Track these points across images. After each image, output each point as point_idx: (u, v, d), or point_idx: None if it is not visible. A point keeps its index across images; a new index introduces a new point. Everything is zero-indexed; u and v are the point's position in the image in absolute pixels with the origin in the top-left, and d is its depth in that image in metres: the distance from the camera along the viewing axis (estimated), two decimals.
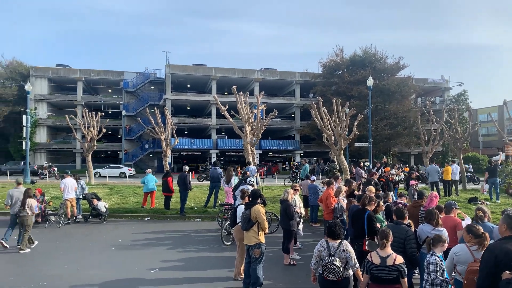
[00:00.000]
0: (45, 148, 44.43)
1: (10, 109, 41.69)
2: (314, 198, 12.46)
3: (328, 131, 18.22)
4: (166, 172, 16.42)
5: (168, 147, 24.26)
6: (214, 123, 44.10)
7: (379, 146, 38.47)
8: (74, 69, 46.35)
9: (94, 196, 13.82)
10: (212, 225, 12.79)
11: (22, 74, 44.90)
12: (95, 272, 7.80)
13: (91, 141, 25.65)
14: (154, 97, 45.97)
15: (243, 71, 45.47)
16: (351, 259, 4.92)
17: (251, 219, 6.81)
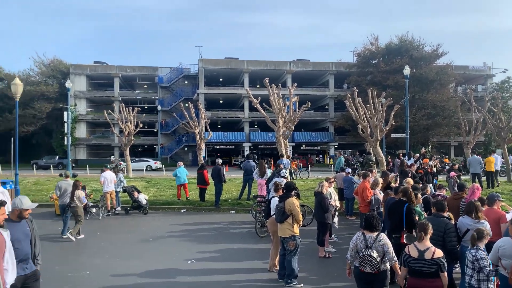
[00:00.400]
0: (85, 143, 46.23)
1: (52, 106, 43.60)
2: (350, 190, 12.29)
3: (363, 122, 17.86)
4: (201, 165, 16.70)
5: (202, 141, 24.61)
6: (247, 116, 44.28)
7: (417, 137, 37.36)
8: (111, 66, 47.78)
9: (134, 189, 14.26)
10: (246, 217, 12.91)
11: (62, 72, 46.78)
12: (135, 263, 8.07)
13: (129, 135, 26.43)
14: (188, 92, 46.69)
15: (275, 63, 45.28)
16: (389, 252, 4.83)
17: (285, 211, 6.82)
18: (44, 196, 16.61)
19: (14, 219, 4.39)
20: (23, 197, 4.48)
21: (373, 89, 19.03)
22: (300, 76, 44.92)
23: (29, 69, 49.25)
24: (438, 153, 35.23)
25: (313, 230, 9.32)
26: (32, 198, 16.47)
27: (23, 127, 40.47)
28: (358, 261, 4.85)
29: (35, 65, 48.25)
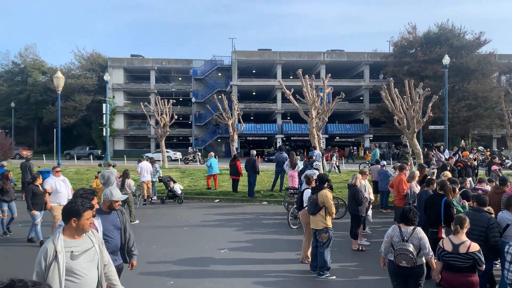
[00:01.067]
0: (123, 134, 47.68)
1: (92, 98, 45.20)
2: (385, 183, 12.07)
3: (400, 114, 17.41)
4: (233, 156, 16.85)
5: (235, 132, 24.80)
6: (279, 108, 44.15)
7: (456, 129, 35.99)
8: (147, 59, 48.83)
9: (169, 179, 14.61)
10: (278, 209, 12.94)
11: (101, 65, 48.32)
12: (170, 250, 8.29)
13: (164, 127, 27.02)
14: (221, 84, 47.05)
15: (309, 53, 44.77)
16: (425, 246, 4.71)
17: (318, 203, 6.79)
18: (85, 185, 17.29)
19: (104, 210, 4.43)
20: (113, 188, 4.53)
21: (410, 80, 18.50)
22: (334, 66, 44.23)
23: (69, 63, 51.29)
24: (479, 145, 33.79)
25: (347, 223, 9.22)
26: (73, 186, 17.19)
27: (64, 118, 42.22)
28: (393, 254, 4.76)
29: (75, 59, 50.21)
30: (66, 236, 3.10)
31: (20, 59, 50.94)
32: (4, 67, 51.60)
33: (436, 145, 30.27)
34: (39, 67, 50.36)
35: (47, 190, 8.75)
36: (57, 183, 8.89)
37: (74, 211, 3.11)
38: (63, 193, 8.88)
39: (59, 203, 8.69)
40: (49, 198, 8.77)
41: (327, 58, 44.40)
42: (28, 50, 51.67)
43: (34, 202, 8.71)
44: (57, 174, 9.12)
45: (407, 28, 42.48)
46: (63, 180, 9.15)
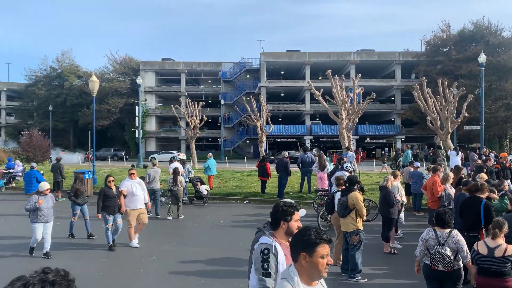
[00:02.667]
0: (154, 136, 48.69)
1: (125, 101, 46.45)
2: (418, 185, 11.75)
3: (433, 114, 16.94)
4: (262, 157, 16.87)
5: (263, 134, 24.88)
6: (308, 109, 43.85)
7: (493, 129, 34.63)
8: (177, 62, 49.70)
9: (198, 180, 14.79)
10: (307, 211, 12.82)
11: (133, 68, 49.58)
12: (201, 250, 8.40)
13: (194, 129, 27.42)
14: (250, 86, 47.26)
15: (338, 54, 44.26)
16: (463, 249, 4.54)
17: (348, 205, 6.70)
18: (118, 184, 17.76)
19: None
20: None
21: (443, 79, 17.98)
22: (364, 66, 43.54)
23: (103, 67, 52.86)
24: None
25: (378, 225, 9.04)
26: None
27: (99, 121, 43.53)
28: (429, 258, 4.63)
29: (109, 63, 51.78)
30: (303, 281, 2.22)
31: (57, 64, 53.00)
32: (42, 72, 53.84)
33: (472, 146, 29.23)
34: (75, 71, 52.22)
35: (122, 192, 8.53)
36: (133, 186, 8.61)
37: (305, 242, 2.22)
38: (139, 196, 8.61)
39: (134, 207, 8.55)
40: (124, 202, 8.53)
41: (357, 58, 43.76)
42: (65, 55, 53.74)
43: (106, 204, 8.37)
44: (132, 177, 8.81)
45: (440, 26, 41.40)
46: (138, 182, 8.87)
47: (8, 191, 18.14)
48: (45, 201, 7.94)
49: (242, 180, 18.95)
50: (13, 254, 8.15)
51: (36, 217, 7.82)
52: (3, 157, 27.89)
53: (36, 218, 7.82)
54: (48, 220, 7.97)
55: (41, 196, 7.96)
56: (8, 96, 58.02)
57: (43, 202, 7.83)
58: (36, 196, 7.95)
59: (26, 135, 29.30)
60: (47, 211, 7.93)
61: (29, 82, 53.82)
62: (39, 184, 8.52)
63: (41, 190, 8.09)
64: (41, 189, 8.10)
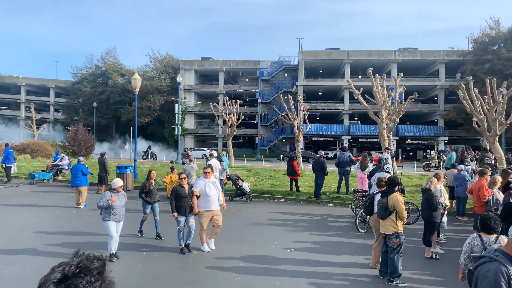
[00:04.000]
0: (193, 133, 49.60)
1: (165, 99, 47.62)
2: (462, 189, 11.29)
3: (479, 115, 16.16)
4: (290, 156, 16.77)
5: (300, 133, 24.70)
6: (347, 108, 43.14)
7: None
8: (216, 61, 50.36)
9: (237, 177, 14.91)
10: (345, 211, 12.65)
11: (173, 67, 50.71)
12: (237, 247, 8.47)
13: (232, 127, 27.68)
14: (287, 84, 47.11)
15: (379, 52, 43.22)
16: None
17: (388, 207, 6.54)
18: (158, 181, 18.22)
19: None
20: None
21: (492, 79, 17.11)
22: (406, 65, 42.28)
23: (145, 65, 54.37)
24: None
25: (419, 229, 8.77)
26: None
27: (140, 118, 44.82)
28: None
29: (150, 62, 53.22)
30: None
31: (101, 62, 55.11)
32: (88, 70, 56.15)
33: None
34: (118, 69, 54.09)
35: (194, 193, 7.95)
36: (206, 186, 7.97)
37: None
38: (212, 197, 7.95)
39: (208, 208, 7.93)
40: (198, 202, 7.98)
41: (398, 57, 42.55)
42: (109, 54, 55.73)
43: (178, 204, 7.94)
44: (207, 176, 8.12)
45: (488, 23, 39.46)
46: (213, 182, 8.16)
47: (56, 183, 19.08)
48: (117, 198, 7.56)
49: (278, 179, 18.94)
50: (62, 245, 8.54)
51: (108, 215, 7.46)
52: (51, 151, 29.37)
53: (108, 216, 7.46)
54: (120, 219, 7.60)
55: (114, 193, 7.58)
56: (56, 93, 61.00)
57: (116, 199, 7.48)
58: (109, 193, 7.57)
59: (72, 130, 30.64)
60: (119, 209, 7.56)
61: (75, 80, 56.31)
62: (116, 182, 7.85)
63: (114, 187, 7.66)
64: (114, 186, 7.67)
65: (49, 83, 60.76)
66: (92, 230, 9.72)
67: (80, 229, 9.94)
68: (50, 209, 12.54)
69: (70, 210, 12.48)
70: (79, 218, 11.40)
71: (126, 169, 16.78)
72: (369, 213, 7.54)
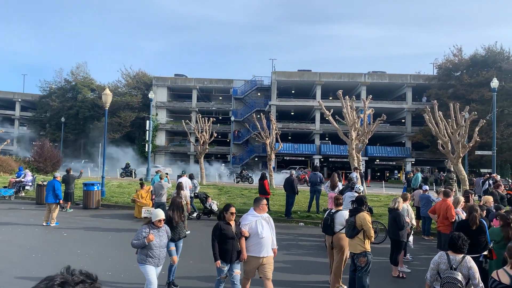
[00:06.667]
0: (164, 150, 48.99)
1: (136, 115, 46.98)
2: (427, 209, 11.61)
3: (444, 138, 16.82)
4: (262, 175, 16.70)
5: (272, 152, 24.88)
6: (318, 128, 43.90)
7: (505, 155, 34.24)
8: (189, 78, 50.34)
9: (205, 195, 14.77)
10: (315, 231, 12.72)
11: (146, 83, 50.29)
12: (206, 265, 8.33)
13: (204, 144, 27.53)
14: (260, 103, 47.58)
15: (349, 75, 44.50)
16: (475, 277, 4.46)
17: (356, 226, 6.63)
18: (126, 199, 17.84)
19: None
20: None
21: (455, 103, 17.92)
22: (375, 88, 43.65)
23: (117, 81, 53.57)
24: None
25: (386, 248, 8.92)
26: (115, 199, 17.82)
27: (109, 134, 43.97)
28: (439, 283, 4.54)
29: (122, 77, 52.51)
30: None
31: (71, 77, 54.00)
32: (57, 84, 54.85)
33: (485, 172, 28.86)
34: (88, 84, 53.12)
35: (243, 233, 5.92)
36: (258, 224, 6.02)
37: None
38: (266, 239, 5.98)
39: (258, 254, 5.92)
40: (246, 245, 5.96)
41: (368, 80, 43.92)
42: (79, 68, 54.77)
43: (222, 248, 5.83)
44: (260, 210, 6.13)
45: (452, 51, 41.53)
46: (266, 219, 6.17)
47: (18, 200, 18.30)
48: (157, 236, 5.87)
49: (249, 198, 18.89)
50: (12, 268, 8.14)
51: (145, 257, 5.80)
52: (14, 166, 28.23)
53: (145, 259, 5.81)
54: (159, 263, 5.96)
55: (153, 228, 5.88)
56: (22, 107, 59.04)
57: (154, 237, 5.81)
58: (147, 228, 5.86)
59: (37, 146, 29.65)
60: (159, 251, 5.90)
61: (43, 94, 54.82)
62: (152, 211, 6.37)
63: (154, 219, 5.95)
64: (154, 218, 5.96)
65: (15, 96, 58.75)
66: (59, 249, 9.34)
67: (46, 248, 9.53)
68: (11, 227, 11.98)
69: (35, 228, 11.96)
70: (45, 236, 10.93)
71: (93, 186, 16.34)
72: (330, 232, 7.51)
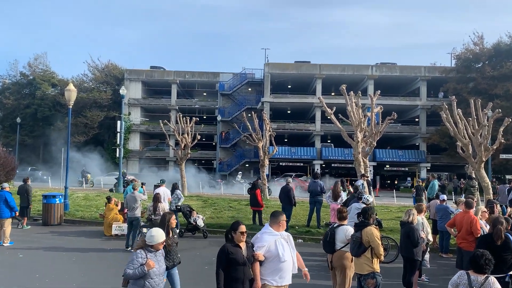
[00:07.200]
0: (138, 155, 48.79)
1: (105, 115, 46.82)
2: (445, 222, 11.71)
3: (464, 139, 17.00)
4: (252, 184, 16.65)
5: (266, 156, 24.96)
6: (318, 129, 44.12)
7: None
8: (168, 71, 50.33)
9: (189, 208, 14.70)
10: (316, 248, 12.75)
11: (116, 77, 50.14)
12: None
13: (185, 148, 27.49)
14: (252, 100, 47.72)
15: (354, 67, 44.87)
16: None
17: (362, 243, 6.65)
18: (94, 213, 17.71)
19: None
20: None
21: (476, 99, 18.12)
22: (384, 82, 44.03)
23: (82, 75, 53.41)
24: None
25: (398, 268, 8.98)
26: (81, 214, 17.70)
27: (74, 136, 43.62)
28: None
29: (89, 70, 52.35)
30: None
31: (29, 70, 53.58)
32: (11, 78, 54.34)
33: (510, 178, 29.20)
34: (49, 78, 52.77)
35: (257, 256, 5.47)
36: (278, 244, 5.59)
37: None
38: (287, 262, 5.55)
39: (279, 282, 5.51)
40: (262, 271, 5.52)
41: (376, 73, 44.29)
42: (38, 60, 54.36)
43: (231, 276, 5.37)
44: (279, 227, 5.73)
45: (472, 39, 42.02)
46: (286, 238, 5.75)
47: None
48: (155, 261, 5.42)
49: (239, 210, 18.90)
50: None
51: (141, 287, 5.34)
52: None
53: None
54: None
55: (150, 253, 5.42)
56: None
57: (154, 264, 5.37)
58: (143, 253, 5.38)
59: None
60: (158, 279, 5.48)
61: None
62: (151, 234, 5.52)
63: (152, 243, 5.45)
64: (152, 241, 5.44)
65: None
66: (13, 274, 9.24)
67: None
68: None
69: None
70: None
71: (54, 198, 16.19)
72: (330, 250, 7.53)
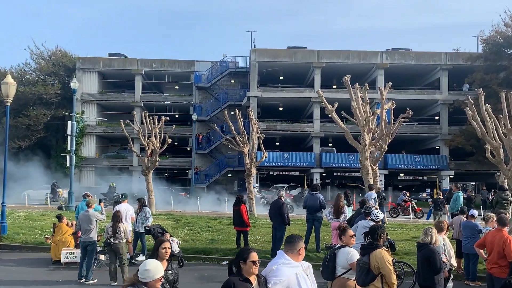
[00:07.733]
0: (94, 164, 48.35)
1: (52, 114, 46.25)
2: (472, 242, 11.79)
3: (494, 141, 17.19)
4: (236, 198, 16.44)
5: (253, 164, 24.90)
6: (317, 129, 44.20)
7: None
8: (131, 59, 50.11)
9: (161, 230, 14.55)
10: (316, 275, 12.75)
11: (67, 67, 49.71)
12: None
13: (153, 155, 27.29)
14: (235, 95, 47.69)
15: (360, 53, 45.14)
16: None
17: (370, 269, 6.65)
18: (38, 236, 17.48)
19: None
20: None
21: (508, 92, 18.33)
22: (396, 72, 44.31)
23: (23, 64, 52.71)
24: None
25: None
26: (22, 238, 17.45)
27: (13, 141, 43.09)
28: None
29: (31, 58, 51.67)
30: None
31: None
32: None
33: None
34: None
35: None
36: (300, 278, 5.53)
37: None
38: None
39: None
40: None
41: (386, 61, 44.55)
42: None
43: None
44: (298, 257, 5.66)
45: (503, 18, 42.46)
46: (307, 269, 5.73)
47: None
48: None
49: (220, 231, 18.82)
50: None
51: None
52: None
53: None
54: None
55: None
56: None
57: None
58: None
59: None
60: None
61: None
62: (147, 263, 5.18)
63: (148, 279, 4.98)
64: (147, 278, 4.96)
65: None
66: None
67: None
68: None
69: None
70: None
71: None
72: (329, 276, 7.50)
